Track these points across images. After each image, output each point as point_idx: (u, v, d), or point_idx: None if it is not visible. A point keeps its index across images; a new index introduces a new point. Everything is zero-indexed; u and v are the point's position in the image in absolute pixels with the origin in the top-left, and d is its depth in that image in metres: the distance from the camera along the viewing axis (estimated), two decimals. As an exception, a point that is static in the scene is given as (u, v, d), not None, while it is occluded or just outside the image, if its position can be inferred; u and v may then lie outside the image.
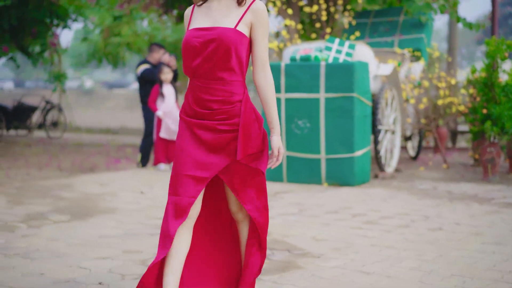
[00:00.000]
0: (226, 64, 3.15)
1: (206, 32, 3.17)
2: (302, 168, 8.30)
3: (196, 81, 3.21)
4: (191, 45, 3.17)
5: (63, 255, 4.83)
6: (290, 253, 4.89)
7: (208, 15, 3.22)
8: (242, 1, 3.19)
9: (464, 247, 5.05)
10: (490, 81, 8.55)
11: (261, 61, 3.23)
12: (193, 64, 3.18)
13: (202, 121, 3.19)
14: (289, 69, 8.27)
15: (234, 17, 3.18)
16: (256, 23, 3.19)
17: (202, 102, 3.20)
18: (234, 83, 3.18)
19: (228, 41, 3.12)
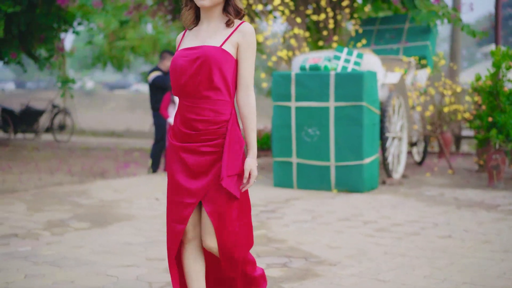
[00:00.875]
0: (211, 83, 3.18)
1: (192, 51, 3.23)
2: (312, 175, 8.51)
3: (184, 101, 3.25)
4: (178, 64, 3.23)
5: (89, 262, 5.03)
6: (307, 261, 5.09)
7: (196, 36, 3.30)
8: (230, 23, 3.26)
9: (474, 254, 5.25)
10: (496, 89, 8.76)
11: (245, 82, 3.26)
12: (180, 82, 3.22)
13: (187, 144, 3.22)
14: (299, 78, 8.48)
15: (221, 37, 3.24)
16: (243, 44, 3.24)
17: (188, 122, 3.22)
18: (221, 102, 3.20)
19: (212, 59, 3.17)
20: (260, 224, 6.47)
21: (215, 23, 3.29)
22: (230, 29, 3.25)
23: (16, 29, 14.71)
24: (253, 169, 3.23)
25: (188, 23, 3.33)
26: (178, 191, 3.25)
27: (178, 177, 3.25)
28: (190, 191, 3.23)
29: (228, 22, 3.25)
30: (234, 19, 3.28)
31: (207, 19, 3.29)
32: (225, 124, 3.20)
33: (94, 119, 34.38)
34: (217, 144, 3.19)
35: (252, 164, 3.23)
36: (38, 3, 14.91)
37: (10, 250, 5.43)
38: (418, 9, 10.67)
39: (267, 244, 5.66)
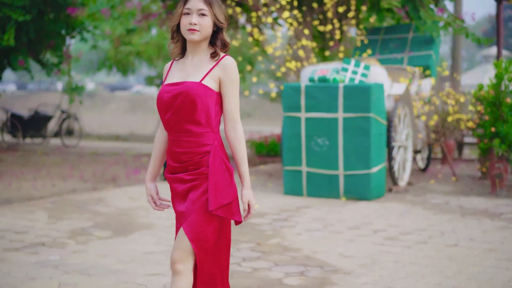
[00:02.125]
0: (192, 117, 3.24)
1: (175, 87, 3.28)
2: (321, 183, 8.81)
3: (170, 135, 3.33)
4: (162, 100, 3.30)
5: (116, 271, 5.33)
6: (322, 270, 5.39)
7: (181, 70, 3.35)
8: (215, 55, 3.30)
9: (480, 263, 5.55)
10: (498, 100, 9.06)
11: (231, 117, 3.30)
12: (165, 118, 3.31)
13: (176, 175, 3.31)
14: (309, 90, 8.78)
15: (202, 72, 3.29)
16: (224, 78, 3.29)
17: (174, 155, 3.31)
18: (203, 134, 3.26)
19: (193, 94, 3.22)
20: (274, 233, 6.76)
21: (200, 56, 3.34)
22: (212, 63, 3.30)
23: (25, 37, 15.00)
24: (251, 199, 3.28)
25: (175, 56, 3.39)
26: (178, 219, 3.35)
27: (176, 206, 3.35)
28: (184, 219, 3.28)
29: (213, 54, 3.31)
30: (220, 51, 3.34)
31: (193, 52, 3.35)
32: (208, 154, 3.26)
33: (97, 121, 34.68)
34: (200, 172, 3.25)
35: (249, 195, 3.28)
36: (47, 11, 15.21)
37: (40, 258, 5.73)
38: (422, 19, 10.96)
39: (283, 253, 5.95)
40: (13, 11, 13.77)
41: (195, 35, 3.26)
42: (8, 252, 5.95)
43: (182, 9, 3.28)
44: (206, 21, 3.26)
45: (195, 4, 3.26)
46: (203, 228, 3.25)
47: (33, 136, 18.69)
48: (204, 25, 3.26)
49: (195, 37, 3.26)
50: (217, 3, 3.31)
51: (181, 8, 3.29)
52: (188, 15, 3.26)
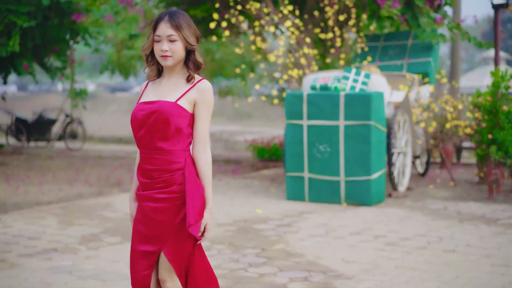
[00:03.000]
0: (164, 135, 3.31)
1: (149, 105, 3.35)
2: (323, 189, 9.05)
3: (142, 152, 3.40)
4: (136, 118, 3.37)
5: (127, 277, 5.55)
6: (325, 275, 5.63)
7: (156, 90, 3.42)
8: (191, 79, 3.37)
9: (477, 268, 5.79)
10: (495, 108, 9.31)
11: (202, 139, 3.37)
12: (138, 135, 3.38)
13: (145, 192, 3.36)
14: (311, 98, 9.02)
15: (178, 93, 3.36)
16: (199, 101, 3.36)
17: (145, 172, 3.37)
18: (174, 152, 3.33)
19: (166, 113, 3.29)
20: (278, 238, 7.00)
21: (176, 78, 3.41)
22: (189, 85, 3.37)
23: (31, 43, 15.24)
24: (208, 223, 3.35)
25: (152, 78, 3.46)
26: (139, 240, 3.40)
27: (140, 226, 3.39)
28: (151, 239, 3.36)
29: (189, 78, 3.38)
30: (194, 73, 3.40)
31: (168, 74, 3.42)
32: (179, 172, 3.32)
33: (98, 123, 34.89)
34: (172, 191, 3.31)
35: (208, 218, 3.35)
36: (51, 16, 15.44)
37: (54, 264, 5.96)
38: (421, 27, 11.20)
39: (287, 258, 6.19)
40: (18, 18, 14.00)
41: (168, 61, 3.34)
42: (23, 257, 6.18)
43: (152, 35, 3.36)
44: (177, 46, 3.32)
45: (164, 31, 3.31)
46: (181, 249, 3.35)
47: (37, 139, 18.94)
48: (175, 50, 3.32)
49: (168, 63, 3.34)
50: (186, 25, 3.34)
51: (152, 34, 3.37)
52: (159, 42, 3.33)
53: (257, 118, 39.48)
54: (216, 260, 6.10)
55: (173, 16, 3.33)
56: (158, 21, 3.34)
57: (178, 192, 3.32)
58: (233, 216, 8.20)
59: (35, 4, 14.41)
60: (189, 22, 3.36)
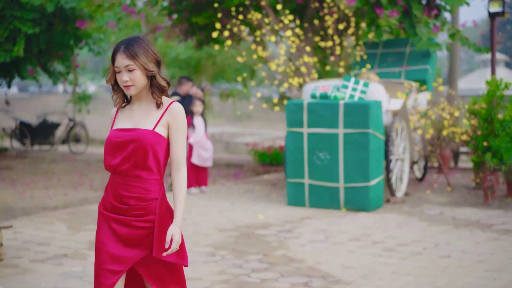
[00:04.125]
0: (144, 164, 3.37)
1: (126, 133, 3.39)
2: (323, 195, 9.31)
3: (116, 177, 3.42)
4: (112, 145, 3.40)
5: (136, 282, 5.81)
6: (325, 280, 5.88)
7: (129, 117, 3.46)
8: (160, 104, 3.42)
9: (470, 274, 6.04)
10: (490, 116, 9.57)
11: (177, 161, 3.42)
12: (114, 162, 3.40)
13: (119, 216, 3.41)
14: (311, 106, 9.28)
15: (152, 119, 3.41)
16: (172, 124, 3.41)
17: (120, 197, 3.41)
18: (151, 181, 3.40)
19: (146, 143, 3.35)
20: (279, 244, 7.26)
21: (146, 102, 3.46)
22: (161, 110, 3.43)
23: (36, 48, 15.50)
24: (174, 235, 3.35)
25: (119, 105, 3.50)
26: (106, 260, 3.41)
27: (108, 245, 3.42)
28: (119, 259, 3.41)
29: (157, 104, 3.43)
30: (160, 96, 3.43)
31: (138, 99, 3.48)
32: (154, 202, 3.40)
33: (99, 124, 35.11)
34: (149, 220, 3.39)
35: (174, 231, 3.36)
36: (55, 22, 15.71)
37: (65, 270, 6.22)
38: (419, 36, 11.47)
39: (288, 264, 6.45)
40: (23, 24, 14.26)
41: (131, 90, 3.39)
42: (35, 263, 6.44)
43: (112, 68, 3.42)
44: (136, 75, 3.36)
45: (121, 62, 3.36)
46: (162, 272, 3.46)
47: (41, 143, 19.22)
48: (136, 79, 3.36)
49: (132, 92, 3.40)
50: (143, 52, 3.37)
51: (112, 67, 3.42)
52: (119, 72, 3.38)
53: (257, 120, 39.71)
54: (220, 265, 6.35)
55: (128, 46, 3.36)
56: (115, 52, 3.39)
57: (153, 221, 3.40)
58: (236, 222, 8.46)
59: (39, 11, 14.67)
60: (147, 48, 3.38)
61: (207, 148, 10.65)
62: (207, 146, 10.63)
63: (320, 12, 12.17)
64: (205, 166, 10.75)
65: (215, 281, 5.84)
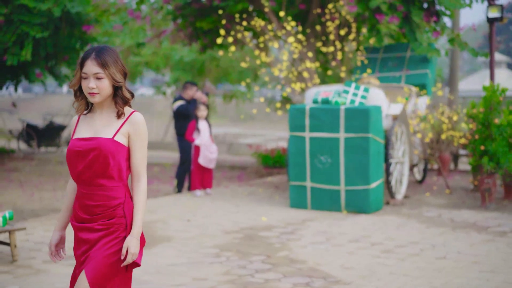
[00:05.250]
0: (105, 172, 3.39)
1: (87, 142, 3.40)
2: (324, 198, 9.58)
3: (81, 188, 3.46)
4: (73, 154, 3.43)
5: (145, 282, 6.09)
6: (326, 281, 6.15)
7: (90, 125, 3.48)
8: (121, 114, 3.46)
9: (465, 274, 6.30)
10: (487, 121, 9.84)
11: (136, 171, 3.47)
12: (76, 171, 3.43)
13: (86, 224, 3.45)
14: (313, 111, 9.55)
15: (113, 128, 3.44)
16: (133, 134, 3.45)
17: (86, 208, 3.45)
18: (114, 188, 3.42)
19: (106, 151, 3.37)
20: (282, 246, 7.53)
21: (107, 112, 3.49)
22: (122, 119, 3.46)
23: (43, 52, 15.78)
24: (130, 246, 3.37)
25: (81, 111, 3.52)
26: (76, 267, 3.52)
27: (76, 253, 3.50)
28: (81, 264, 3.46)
29: (118, 114, 3.46)
30: (122, 107, 3.47)
31: (100, 108, 3.50)
32: (120, 207, 3.42)
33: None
34: (112, 222, 3.42)
35: (130, 243, 3.38)
36: (62, 26, 15.99)
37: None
38: (418, 42, 11.73)
39: (290, 265, 6.72)
40: (31, 28, 14.54)
41: (95, 98, 3.41)
42: (47, 264, 6.72)
43: (79, 73, 3.43)
44: (104, 84, 3.39)
45: (90, 68, 3.38)
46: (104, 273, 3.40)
47: (47, 145, 19.52)
48: (102, 88, 3.39)
49: (96, 100, 3.42)
50: (113, 62, 3.41)
51: (79, 72, 3.43)
52: (86, 79, 3.40)
53: (260, 120, 40.01)
54: (225, 266, 6.63)
55: (99, 54, 3.39)
56: (84, 58, 3.41)
57: (117, 224, 3.43)
58: (240, 224, 8.73)
59: (47, 15, 14.94)
60: (116, 59, 3.43)
61: (212, 150, 10.93)
62: (212, 149, 10.91)
63: (322, 18, 12.45)
64: (210, 168, 11.01)
65: (220, 281, 6.11)
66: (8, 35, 14.52)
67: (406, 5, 11.61)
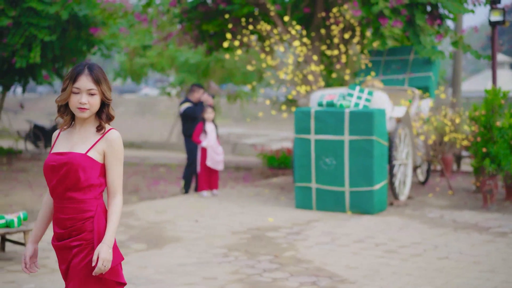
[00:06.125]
0: (76, 185, 3.40)
1: (60, 157, 3.44)
2: (329, 199, 9.79)
3: (55, 202, 3.49)
4: (48, 169, 3.47)
5: (157, 281, 6.31)
6: (331, 280, 6.36)
7: (68, 140, 3.50)
8: (101, 129, 3.48)
9: (465, 274, 6.51)
10: (489, 124, 10.05)
11: (112, 188, 3.48)
12: (50, 186, 3.47)
13: (61, 242, 3.46)
14: (318, 114, 9.76)
15: (88, 144, 3.46)
16: (108, 152, 3.46)
17: (59, 221, 3.46)
18: (85, 201, 3.43)
19: (77, 165, 3.39)
20: (289, 246, 7.74)
21: (86, 128, 3.51)
22: (98, 136, 3.48)
23: (50, 54, 16.01)
24: (101, 251, 3.34)
25: (64, 127, 3.54)
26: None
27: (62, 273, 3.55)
28: None
29: (99, 127, 3.49)
30: (105, 123, 3.51)
31: (80, 123, 3.52)
32: (90, 220, 3.44)
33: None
34: (83, 237, 3.42)
35: (101, 250, 3.34)
36: (69, 29, 16.22)
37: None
38: (422, 45, 11.93)
39: (297, 264, 6.93)
40: (39, 31, 14.76)
41: (85, 113, 3.44)
42: (61, 263, 6.93)
43: (71, 87, 3.42)
44: (95, 100, 3.44)
45: (84, 84, 3.41)
46: None
47: (54, 146, 19.76)
48: (93, 104, 3.44)
49: (85, 115, 3.45)
50: (104, 80, 3.46)
51: (70, 86, 3.42)
52: (78, 94, 3.41)
53: (263, 120, 40.18)
54: (234, 266, 6.84)
55: (92, 70, 3.43)
56: (78, 74, 3.42)
57: (88, 239, 3.43)
58: (247, 224, 8.94)
59: (54, 18, 15.16)
60: (105, 76, 3.48)
61: (219, 152, 11.14)
62: (218, 151, 11.13)
63: (327, 22, 12.65)
64: (217, 169, 11.22)
65: (230, 280, 6.33)
66: (16, 37, 14.74)
67: (409, 9, 11.81)
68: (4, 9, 14.49)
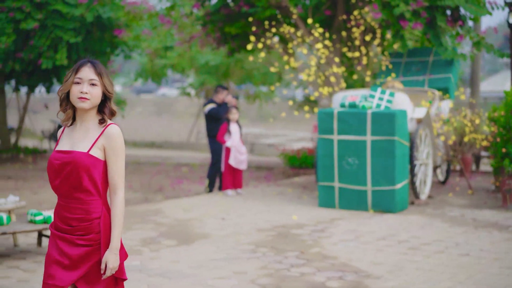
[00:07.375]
0: (81, 186, 3.43)
1: (64, 155, 3.45)
2: (352, 197, 10.04)
3: (59, 200, 3.52)
4: (51, 167, 3.49)
5: (190, 275, 6.59)
6: (357, 275, 6.61)
7: (70, 138, 3.52)
8: (103, 121, 3.50)
9: (486, 270, 6.73)
10: (509, 124, 10.24)
11: (113, 184, 3.49)
12: (54, 184, 3.49)
13: (65, 235, 3.48)
14: (340, 115, 10.01)
15: (88, 141, 3.46)
16: (108, 147, 3.47)
17: (64, 219, 3.49)
18: (91, 202, 3.46)
19: (81, 165, 3.40)
20: (314, 243, 8.00)
21: (88, 123, 3.52)
22: (99, 131, 3.49)
23: (75, 55, 16.37)
24: (109, 261, 3.42)
25: (66, 122, 3.55)
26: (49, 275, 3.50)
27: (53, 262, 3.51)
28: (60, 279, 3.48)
29: (102, 121, 3.50)
30: (107, 118, 3.54)
31: (81, 119, 3.52)
32: (96, 221, 3.48)
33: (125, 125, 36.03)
34: (91, 238, 3.47)
35: (108, 258, 3.43)
36: (93, 31, 16.57)
37: (125, 263, 6.98)
38: (444, 46, 12.13)
39: (323, 260, 7.18)
40: (64, 33, 15.12)
41: (86, 103, 3.45)
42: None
43: (73, 78, 3.47)
44: (96, 91, 3.46)
45: (86, 74, 3.45)
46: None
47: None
48: (94, 95, 3.45)
49: (85, 105, 3.45)
50: (106, 74, 3.51)
51: (72, 77, 3.47)
52: (79, 84, 3.45)
53: (281, 120, 40.40)
54: (262, 261, 7.11)
55: (95, 64, 3.50)
56: (81, 66, 3.48)
57: (96, 240, 3.49)
58: (272, 222, 9.20)
59: (79, 20, 15.51)
60: (107, 73, 3.53)
61: (242, 152, 11.42)
62: (242, 150, 11.41)
63: (348, 24, 12.90)
64: (240, 169, 11.50)
65: (259, 274, 6.60)
66: (42, 39, 15.12)
67: (429, 12, 12.02)
68: (30, 12, 14.87)
